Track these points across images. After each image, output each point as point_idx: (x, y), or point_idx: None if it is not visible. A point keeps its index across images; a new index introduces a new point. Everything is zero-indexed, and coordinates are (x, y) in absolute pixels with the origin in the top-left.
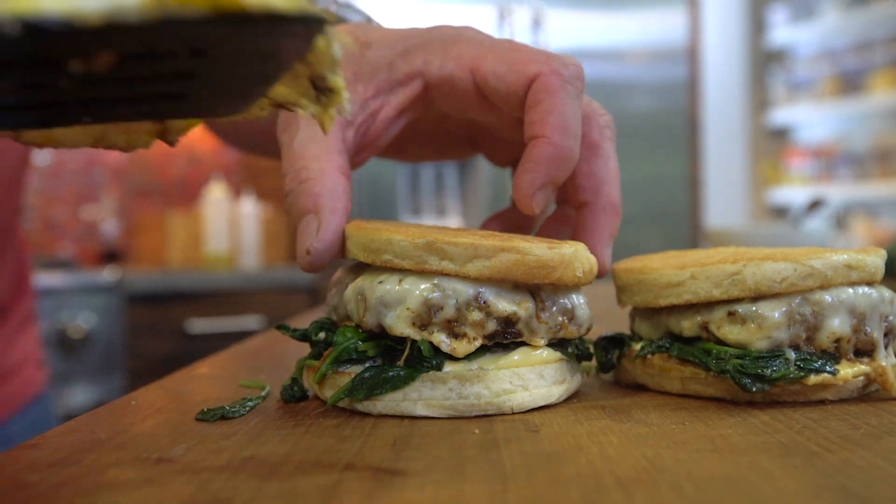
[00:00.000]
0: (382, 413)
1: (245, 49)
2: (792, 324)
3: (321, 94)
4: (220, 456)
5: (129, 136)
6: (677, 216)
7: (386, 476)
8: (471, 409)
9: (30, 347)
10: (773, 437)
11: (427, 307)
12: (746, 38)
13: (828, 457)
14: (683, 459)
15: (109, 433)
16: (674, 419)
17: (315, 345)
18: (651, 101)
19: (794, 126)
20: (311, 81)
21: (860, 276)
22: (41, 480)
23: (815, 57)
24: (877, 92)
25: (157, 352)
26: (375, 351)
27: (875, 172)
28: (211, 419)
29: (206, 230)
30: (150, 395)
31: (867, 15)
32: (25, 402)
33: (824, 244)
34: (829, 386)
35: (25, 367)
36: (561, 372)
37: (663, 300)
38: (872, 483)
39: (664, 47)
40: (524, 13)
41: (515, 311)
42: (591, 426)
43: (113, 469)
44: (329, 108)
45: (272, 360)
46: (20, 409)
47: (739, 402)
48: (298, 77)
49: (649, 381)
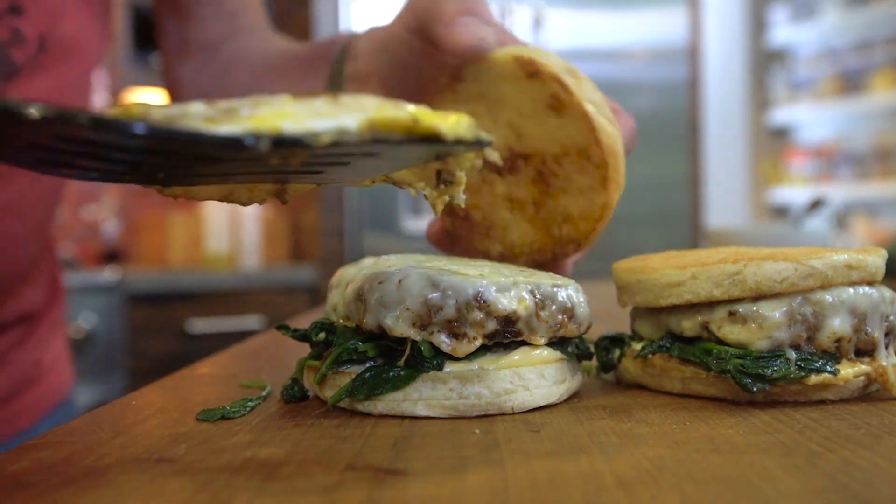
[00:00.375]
0: (383, 413)
1: (412, 155)
2: (792, 324)
3: (442, 183)
4: (220, 456)
5: (253, 194)
6: (678, 216)
7: (386, 476)
8: (471, 409)
9: (59, 350)
10: (774, 437)
11: (427, 307)
12: (747, 37)
13: (829, 456)
14: (684, 459)
15: (110, 433)
16: (675, 419)
17: (315, 345)
18: (651, 101)
19: (795, 126)
20: (438, 172)
21: (861, 276)
22: (42, 481)
23: (816, 57)
24: (877, 91)
25: (158, 352)
26: (375, 351)
27: (875, 172)
28: (211, 419)
29: (206, 230)
30: (150, 395)
31: (867, 14)
32: (55, 404)
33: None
34: (830, 386)
35: (55, 370)
36: (562, 372)
37: (664, 300)
38: (873, 483)
39: (665, 47)
40: (525, 13)
41: (515, 309)
42: (592, 426)
43: (113, 469)
44: (444, 195)
45: (273, 361)
46: (49, 413)
47: (740, 401)
48: (428, 168)
49: (650, 381)
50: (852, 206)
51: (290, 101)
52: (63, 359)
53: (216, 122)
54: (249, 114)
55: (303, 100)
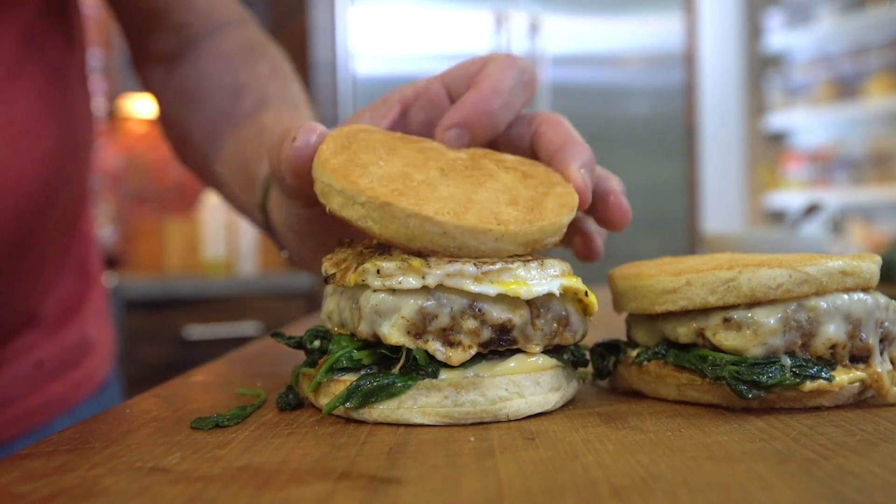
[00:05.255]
0: (378, 421)
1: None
2: (787, 330)
3: None
4: (214, 465)
5: None
6: (674, 221)
7: (381, 485)
8: (466, 416)
9: (102, 335)
10: (769, 444)
11: (422, 315)
12: (743, 43)
13: (823, 464)
14: (679, 467)
15: (104, 442)
16: (670, 426)
17: (310, 353)
18: (648, 106)
19: (791, 131)
20: None
21: (855, 283)
22: (34, 490)
23: (812, 62)
24: (873, 96)
25: (155, 358)
26: (371, 359)
27: (871, 177)
28: (206, 427)
29: (203, 236)
30: (144, 404)
31: (863, 20)
32: (97, 385)
33: (821, 249)
34: (825, 392)
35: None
36: (557, 379)
37: (659, 307)
38: (868, 490)
39: (661, 52)
40: (521, 19)
41: (510, 318)
42: (587, 433)
43: (107, 478)
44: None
45: (268, 368)
46: (93, 393)
47: (735, 408)
48: None
49: (645, 388)
50: (848, 210)
51: (520, 266)
52: (107, 336)
53: (481, 281)
54: (498, 279)
55: (526, 265)
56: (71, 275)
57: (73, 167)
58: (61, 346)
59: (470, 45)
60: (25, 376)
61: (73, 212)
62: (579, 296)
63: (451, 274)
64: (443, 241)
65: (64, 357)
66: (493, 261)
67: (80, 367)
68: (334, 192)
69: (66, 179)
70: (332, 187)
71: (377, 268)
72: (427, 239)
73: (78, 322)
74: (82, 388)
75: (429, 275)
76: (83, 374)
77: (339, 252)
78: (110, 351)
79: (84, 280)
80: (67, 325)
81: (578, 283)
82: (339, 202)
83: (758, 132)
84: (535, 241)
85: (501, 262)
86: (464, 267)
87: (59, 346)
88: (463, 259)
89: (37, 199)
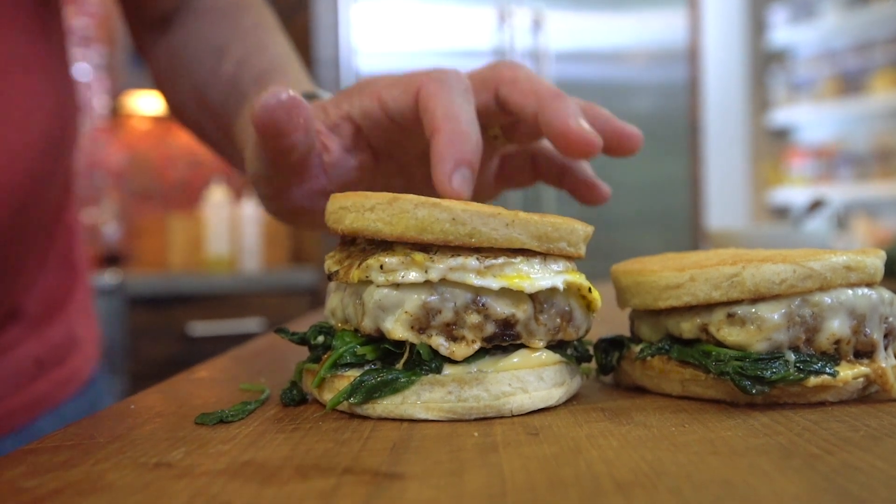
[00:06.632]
0: (381, 416)
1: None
2: (791, 325)
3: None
4: (218, 460)
5: None
6: (678, 217)
7: (384, 480)
8: (470, 411)
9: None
10: (773, 440)
11: (425, 310)
12: (746, 38)
13: (827, 459)
14: (683, 462)
15: (108, 437)
16: (673, 421)
17: (314, 348)
18: (651, 103)
19: (795, 127)
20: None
21: (859, 278)
22: (39, 485)
23: (816, 57)
24: (877, 92)
25: (159, 355)
26: (374, 355)
27: (875, 172)
28: (210, 423)
29: (206, 233)
30: (149, 399)
31: (867, 15)
32: (82, 382)
33: (825, 244)
34: (829, 388)
35: (87, 343)
36: (560, 374)
37: (663, 302)
38: (872, 485)
39: (664, 48)
40: (524, 15)
41: (514, 313)
42: (591, 429)
43: (112, 473)
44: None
45: (272, 364)
46: (78, 391)
47: (739, 404)
48: None
49: (649, 384)
50: (852, 206)
51: (523, 261)
52: (93, 333)
53: (484, 275)
54: (501, 273)
55: (529, 260)
56: (55, 269)
57: (57, 159)
58: (46, 343)
59: (473, 42)
60: (9, 374)
61: (58, 204)
62: (583, 291)
63: (453, 268)
64: (453, 229)
65: (50, 354)
66: (495, 255)
67: (66, 364)
68: (346, 211)
69: (51, 171)
70: (344, 208)
71: (380, 263)
72: (438, 228)
73: (63, 318)
74: (68, 386)
75: (432, 269)
76: (69, 371)
77: (342, 249)
78: (96, 348)
79: (69, 275)
80: (52, 320)
81: (582, 279)
82: (352, 218)
83: (762, 128)
84: (547, 235)
85: (504, 255)
86: (466, 261)
87: (44, 343)
88: (465, 253)
89: (20, 192)
